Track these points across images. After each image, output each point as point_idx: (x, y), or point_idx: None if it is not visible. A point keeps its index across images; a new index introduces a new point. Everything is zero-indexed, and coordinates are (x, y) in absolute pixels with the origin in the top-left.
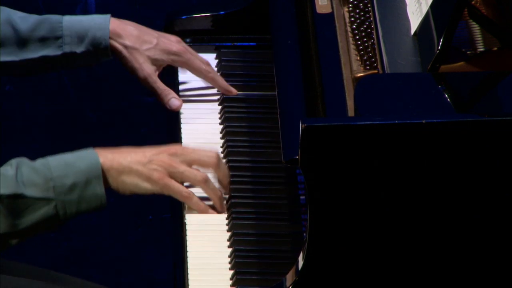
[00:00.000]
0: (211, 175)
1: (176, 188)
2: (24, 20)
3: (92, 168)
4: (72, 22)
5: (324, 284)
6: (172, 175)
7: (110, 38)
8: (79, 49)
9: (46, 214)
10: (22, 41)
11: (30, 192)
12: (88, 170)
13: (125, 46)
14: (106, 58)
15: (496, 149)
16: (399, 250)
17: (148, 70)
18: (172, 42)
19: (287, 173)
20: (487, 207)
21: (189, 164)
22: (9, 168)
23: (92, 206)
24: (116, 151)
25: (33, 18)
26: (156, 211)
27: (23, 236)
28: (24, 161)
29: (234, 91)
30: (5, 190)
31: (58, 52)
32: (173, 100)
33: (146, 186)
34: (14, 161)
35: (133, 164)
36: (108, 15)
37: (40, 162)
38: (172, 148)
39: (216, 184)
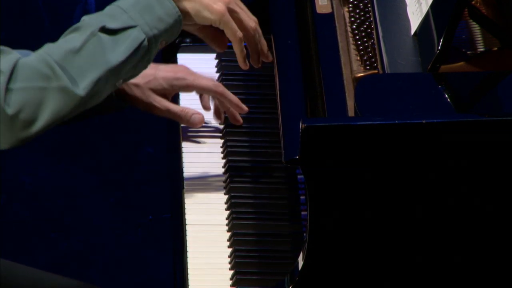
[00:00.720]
0: None
1: (234, 27)
2: None
3: None
4: None
5: (324, 284)
6: (230, 12)
7: None
8: None
9: (136, 38)
10: None
11: (113, 24)
12: None
13: (126, 85)
14: (110, 106)
15: (496, 149)
16: (399, 250)
17: (157, 100)
18: (174, 69)
19: (287, 173)
20: (487, 207)
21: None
22: (83, 20)
23: (171, 22)
24: None
25: None
26: (156, 211)
27: (122, 73)
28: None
29: (245, 108)
30: (93, 27)
31: None
32: (194, 117)
33: (206, 15)
34: (84, 16)
35: None
36: None
37: (105, 8)
38: None
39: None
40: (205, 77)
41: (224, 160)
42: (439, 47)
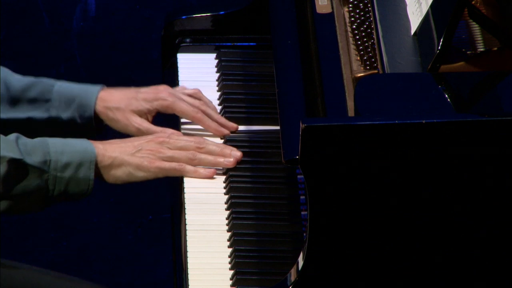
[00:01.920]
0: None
1: (168, 166)
2: (19, 81)
3: (87, 151)
4: (63, 87)
5: (324, 284)
6: (163, 158)
7: (96, 104)
8: (65, 115)
9: (38, 185)
10: (13, 100)
11: (29, 159)
12: (83, 152)
13: (109, 108)
14: (90, 129)
15: (496, 149)
16: (399, 249)
17: (137, 121)
18: (155, 90)
19: (287, 173)
20: (487, 207)
21: (176, 149)
22: (10, 137)
23: (80, 189)
24: (105, 142)
25: (27, 80)
26: (156, 211)
27: (10, 206)
28: (22, 136)
29: (225, 131)
30: (8, 153)
31: (44, 115)
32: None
33: (139, 175)
34: (13, 134)
35: (123, 155)
36: (100, 86)
37: (38, 139)
38: (160, 137)
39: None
40: (187, 100)
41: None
42: (439, 47)
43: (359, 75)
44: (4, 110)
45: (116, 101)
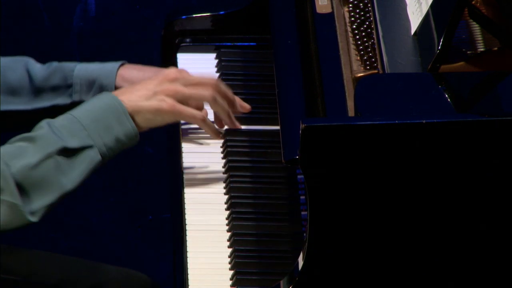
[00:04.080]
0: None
1: (189, 112)
2: (41, 70)
3: (116, 105)
4: (83, 70)
5: (324, 284)
6: (180, 101)
7: (115, 82)
8: (87, 98)
9: (92, 160)
10: (36, 90)
11: (72, 143)
12: (114, 108)
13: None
14: None
15: (496, 149)
16: (399, 250)
17: None
18: (171, 73)
19: (287, 173)
20: (487, 207)
21: (192, 86)
22: (43, 128)
23: (127, 143)
24: (120, 91)
25: (49, 67)
26: (156, 211)
27: (77, 185)
28: (52, 120)
29: (236, 125)
30: (51, 147)
31: (68, 101)
32: None
33: (159, 119)
34: (44, 122)
35: (140, 102)
36: (119, 63)
37: (64, 118)
38: (171, 73)
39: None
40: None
41: (224, 160)
42: (439, 47)
43: (359, 75)
44: (28, 101)
45: (136, 80)
